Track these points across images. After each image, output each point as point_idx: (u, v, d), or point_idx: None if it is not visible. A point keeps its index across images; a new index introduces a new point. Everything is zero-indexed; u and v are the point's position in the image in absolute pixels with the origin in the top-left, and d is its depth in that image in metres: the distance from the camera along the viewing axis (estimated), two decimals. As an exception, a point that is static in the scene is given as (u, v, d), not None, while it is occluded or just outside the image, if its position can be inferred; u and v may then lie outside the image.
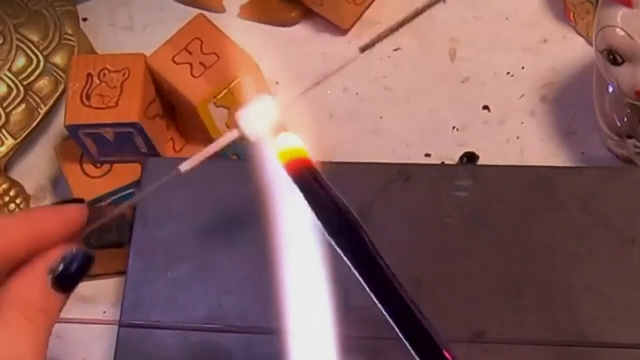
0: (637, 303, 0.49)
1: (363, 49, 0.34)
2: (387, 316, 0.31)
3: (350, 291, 0.33)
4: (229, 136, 0.35)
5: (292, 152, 0.34)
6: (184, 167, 0.35)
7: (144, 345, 0.50)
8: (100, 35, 0.70)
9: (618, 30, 0.50)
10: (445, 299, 0.50)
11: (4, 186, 0.63)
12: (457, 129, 0.63)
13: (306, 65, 0.67)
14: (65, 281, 0.35)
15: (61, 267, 0.35)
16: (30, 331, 0.34)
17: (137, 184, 0.58)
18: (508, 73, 0.65)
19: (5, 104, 0.64)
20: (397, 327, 0.32)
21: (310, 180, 0.33)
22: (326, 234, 0.32)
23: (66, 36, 0.66)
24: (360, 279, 0.32)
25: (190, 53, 0.59)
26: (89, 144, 0.59)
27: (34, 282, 0.35)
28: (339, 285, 0.34)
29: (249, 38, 0.63)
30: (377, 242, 0.52)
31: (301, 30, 0.69)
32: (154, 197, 0.54)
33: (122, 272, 0.53)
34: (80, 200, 0.38)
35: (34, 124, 0.64)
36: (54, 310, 0.35)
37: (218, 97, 0.58)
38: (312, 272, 0.34)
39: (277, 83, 0.66)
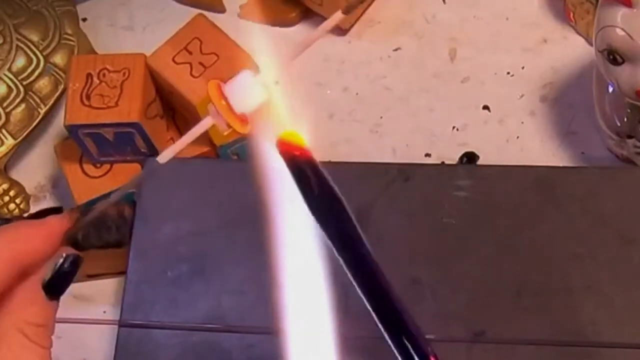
0: (637, 303, 0.49)
1: (346, 11, 0.33)
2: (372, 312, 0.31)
3: (350, 291, 0.33)
4: (205, 124, 0.34)
5: (289, 139, 0.33)
6: (162, 158, 0.35)
7: (144, 345, 0.50)
8: (100, 35, 0.70)
9: (618, 30, 0.50)
10: (445, 299, 0.50)
11: (4, 186, 0.63)
12: (457, 129, 0.63)
13: (306, 65, 0.67)
14: (57, 287, 0.35)
15: (49, 275, 0.35)
16: (33, 349, 0.34)
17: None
18: (508, 73, 0.65)
19: (5, 104, 0.63)
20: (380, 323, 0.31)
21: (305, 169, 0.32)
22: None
23: (66, 36, 0.66)
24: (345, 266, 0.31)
25: (190, 53, 0.59)
26: (89, 144, 0.59)
27: (30, 300, 0.35)
28: (339, 285, 0.34)
29: (248, 38, 0.63)
30: (377, 242, 0.52)
31: (301, 30, 0.69)
32: (154, 197, 0.54)
33: (122, 272, 0.53)
34: (58, 209, 0.37)
35: (34, 124, 0.64)
36: (51, 319, 0.35)
37: (218, 97, 0.58)
38: (312, 272, 0.34)
39: (277, 83, 0.66)
